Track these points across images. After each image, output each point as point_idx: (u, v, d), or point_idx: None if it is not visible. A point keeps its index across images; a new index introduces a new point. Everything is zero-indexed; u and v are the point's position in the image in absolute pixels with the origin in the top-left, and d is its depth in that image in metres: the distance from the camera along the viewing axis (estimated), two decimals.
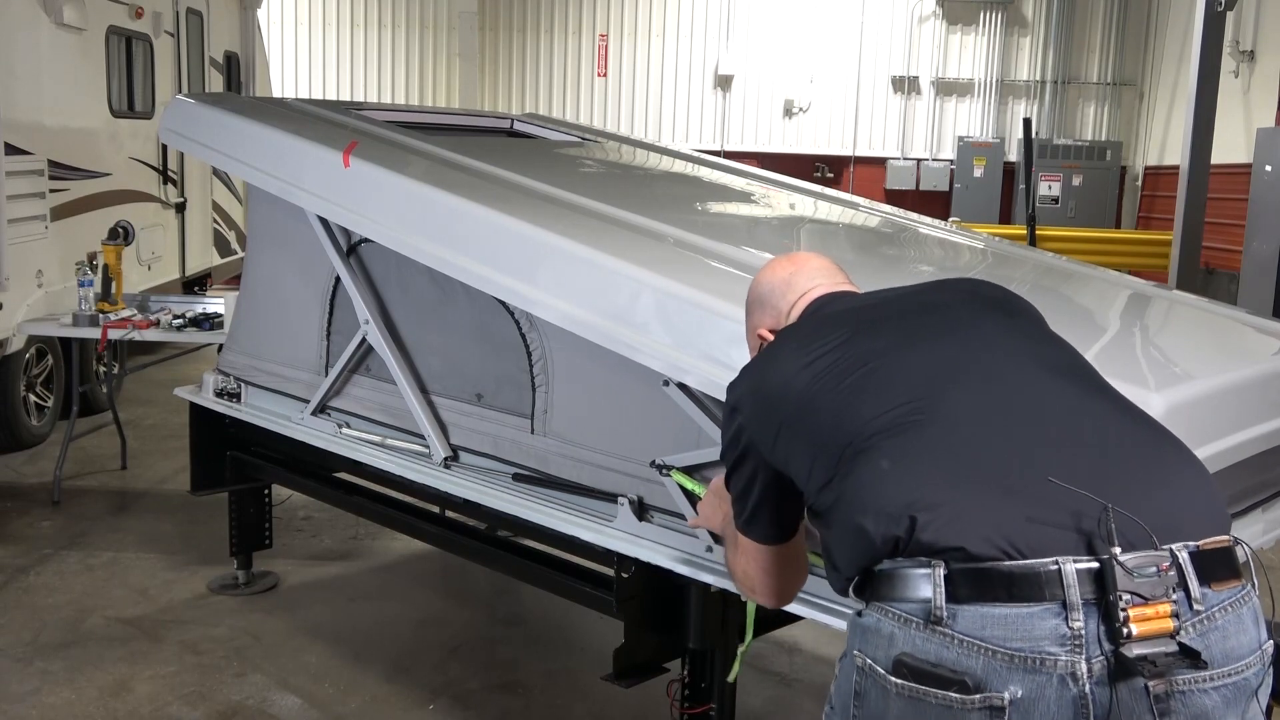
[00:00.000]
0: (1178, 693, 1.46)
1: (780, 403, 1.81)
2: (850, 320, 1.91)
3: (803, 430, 1.77)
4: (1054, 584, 1.46)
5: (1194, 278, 9.58)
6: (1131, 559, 1.45)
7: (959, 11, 15.12)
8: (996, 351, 1.78)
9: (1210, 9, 9.35)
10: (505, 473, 3.33)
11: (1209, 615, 1.49)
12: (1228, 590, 1.52)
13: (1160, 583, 1.46)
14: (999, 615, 1.47)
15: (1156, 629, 1.44)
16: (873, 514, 1.58)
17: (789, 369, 1.84)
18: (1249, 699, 1.51)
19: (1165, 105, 14.45)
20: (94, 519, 5.49)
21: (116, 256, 5.79)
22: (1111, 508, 1.48)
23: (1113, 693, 1.45)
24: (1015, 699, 1.45)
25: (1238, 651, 1.50)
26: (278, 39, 14.92)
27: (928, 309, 1.92)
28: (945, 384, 1.69)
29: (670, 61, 15.28)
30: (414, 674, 3.96)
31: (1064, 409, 1.67)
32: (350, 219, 3.55)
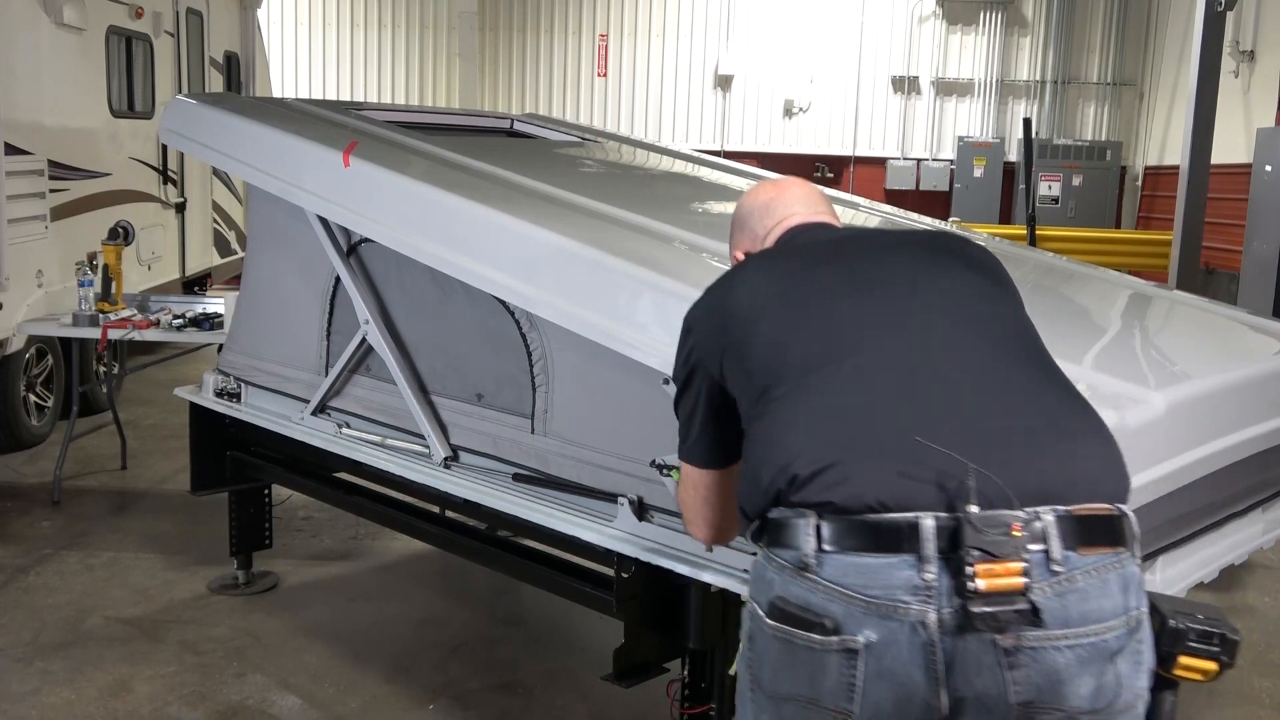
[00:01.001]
0: (1027, 648, 1.53)
1: (730, 323, 1.90)
2: (810, 255, 1.98)
3: (743, 356, 1.86)
4: (912, 538, 1.54)
5: (1194, 278, 9.58)
6: (982, 518, 1.52)
7: (959, 11, 15.12)
8: (929, 310, 1.82)
9: (1210, 9, 9.34)
10: (505, 473, 3.33)
11: (1069, 577, 1.54)
12: (1096, 556, 1.57)
13: (1011, 542, 1.51)
14: (860, 564, 1.56)
15: (1004, 586, 1.50)
16: (765, 464, 1.69)
17: (743, 292, 1.92)
18: (1106, 661, 1.56)
19: (1165, 105, 14.45)
20: (94, 519, 5.48)
21: (116, 256, 5.79)
22: (974, 468, 1.54)
23: (958, 643, 1.53)
24: (870, 643, 1.55)
25: (1097, 614, 1.55)
26: (278, 39, 14.92)
27: (886, 253, 1.96)
28: (865, 338, 1.76)
29: (670, 61, 15.28)
30: (414, 674, 3.96)
31: (971, 372, 1.72)
32: (350, 219, 3.55)
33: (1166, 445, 2.45)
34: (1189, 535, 2.73)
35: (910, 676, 1.56)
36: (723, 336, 1.90)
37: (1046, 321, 3.14)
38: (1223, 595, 4.78)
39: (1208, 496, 2.72)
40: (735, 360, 1.87)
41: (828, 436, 1.65)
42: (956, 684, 1.56)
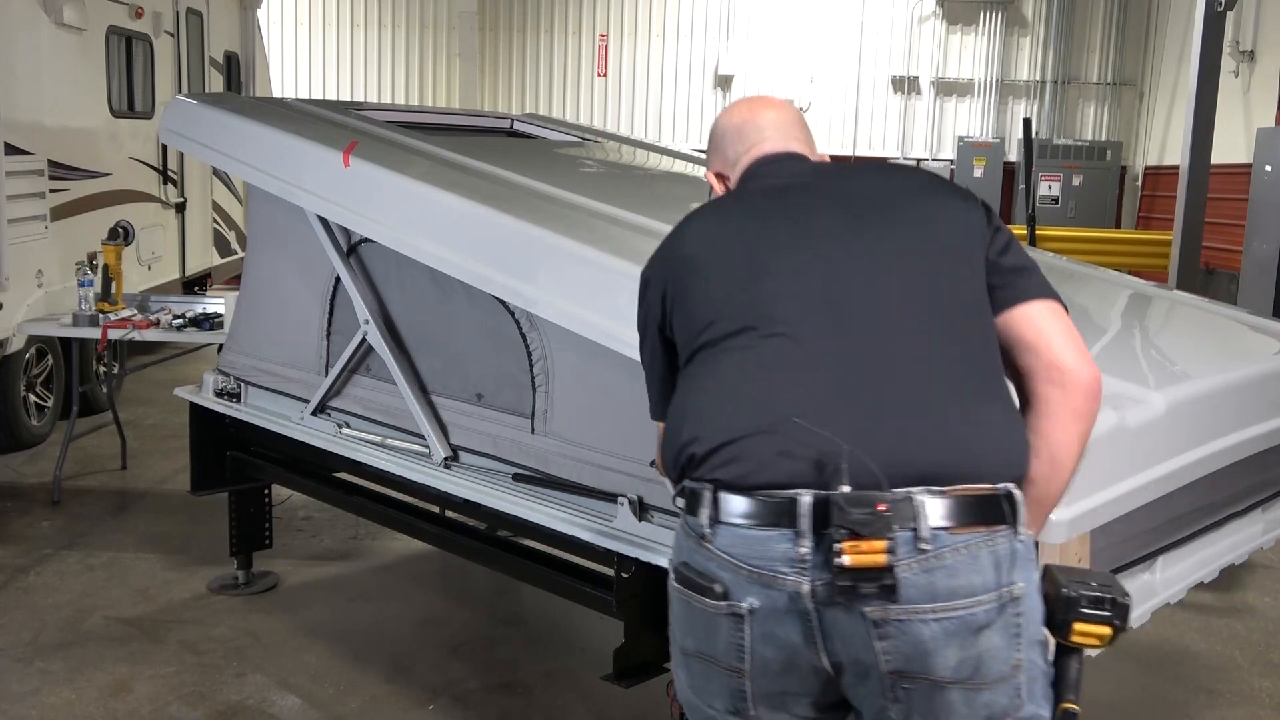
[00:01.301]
0: (895, 620, 1.64)
1: (675, 276, 1.96)
2: (759, 203, 2.00)
3: (684, 310, 1.92)
4: (790, 514, 1.66)
5: (1194, 278, 9.58)
6: (850, 497, 1.62)
7: (959, 11, 15.12)
8: (852, 278, 1.84)
9: (1210, 9, 9.34)
10: (505, 473, 3.33)
11: (937, 554, 1.64)
12: (968, 535, 1.65)
13: (875, 521, 1.61)
14: (746, 536, 1.69)
15: (868, 562, 1.60)
16: (673, 437, 1.82)
17: (690, 244, 1.98)
18: (974, 634, 1.65)
19: (1165, 105, 14.45)
20: (94, 519, 5.48)
21: (116, 256, 5.79)
22: (847, 450, 1.63)
23: (831, 613, 1.65)
24: (754, 608, 1.69)
25: (966, 590, 1.64)
26: (278, 39, 14.92)
27: (830, 210, 1.95)
28: (780, 310, 1.81)
29: (670, 61, 15.28)
30: (414, 674, 3.96)
31: (872, 350, 1.76)
32: (350, 219, 3.55)
33: (1166, 445, 2.45)
34: (1189, 535, 2.73)
35: (791, 640, 1.70)
36: (670, 289, 1.96)
37: None
38: (1223, 595, 4.78)
39: (1208, 496, 2.72)
40: (679, 313, 1.93)
41: (724, 417, 1.76)
42: (834, 649, 1.69)
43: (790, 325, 1.79)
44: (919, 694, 1.68)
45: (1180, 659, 4.24)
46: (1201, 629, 4.49)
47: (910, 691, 1.68)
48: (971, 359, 1.80)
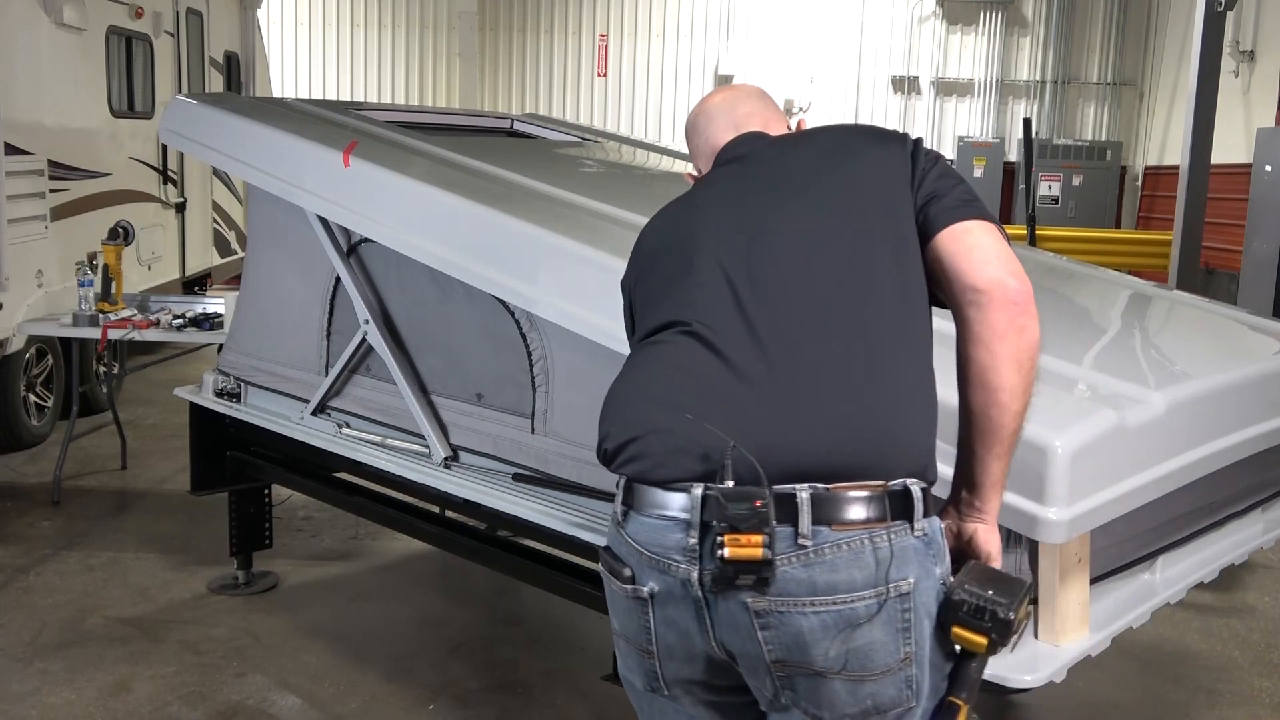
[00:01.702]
0: (775, 612, 1.69)
1: (635, 268, 2.07)
2: (702, 195, 2.05)
3: (638, 302, 2.02)
4: (683, 506, 1.72)
5: (1194, 278, 9.57)
6: (730, 493, 1.67)
7: (959, 11, 15.12)
8: (763, 265, 1.85)
9: (1210, 9, 9.34)
10: (505, 473, 3.33)
11: (817, 550, 1.67)
12: (851, 531, 1.68)
13: (752, 517, 1.65)
14: (649, 525, 1.77)
15: (746, 555, 1.65)
16: (599, 427, 1.89)
17: (646, 238, 2.07)
18: (854, 627, 1.69)
19: (1165, 105, 14.45)
20: (94, 519, 5.48)
21: (116, 256, 5.79)
22: (731, 446, 1.68)
23: (718, 601, 1.72)
24: (654, 592, 1.77)
25: (846, 585, 1.68)
26: (278, 39, 14.92)
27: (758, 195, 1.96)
28: (696, 305, 1.86)
29: (670, 61, 15.28)
30: (414, 674, 3.96)
31: (774, 344, 1.77)
32: (350, 219, 3.56)
33: (1166, 445, 2.45)
34: (1189, 535, 2.73)
35: (687, 626, 1.77)
36: (633, 289, 2.06)
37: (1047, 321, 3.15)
38: (1223, 595, 4.78)
39: (1208, 496, 2.72)
40: (637, 304, 2.03)
41: (629, 413, 1.84)
42: (723, 638, 1.75)
43: (702, 320, 1.83)
44: (804, 683, 1.73)
45: (1180, 659, 4.24)
46: (1201, 629, 4.49)
47: (796, 680, 1.73)
48: (882, 338, 1.79)
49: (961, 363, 1.81)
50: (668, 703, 1.91)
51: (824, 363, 1.76)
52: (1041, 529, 2.14)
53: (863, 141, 2.00)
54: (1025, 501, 2.15)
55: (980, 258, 1.82)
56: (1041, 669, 2.21)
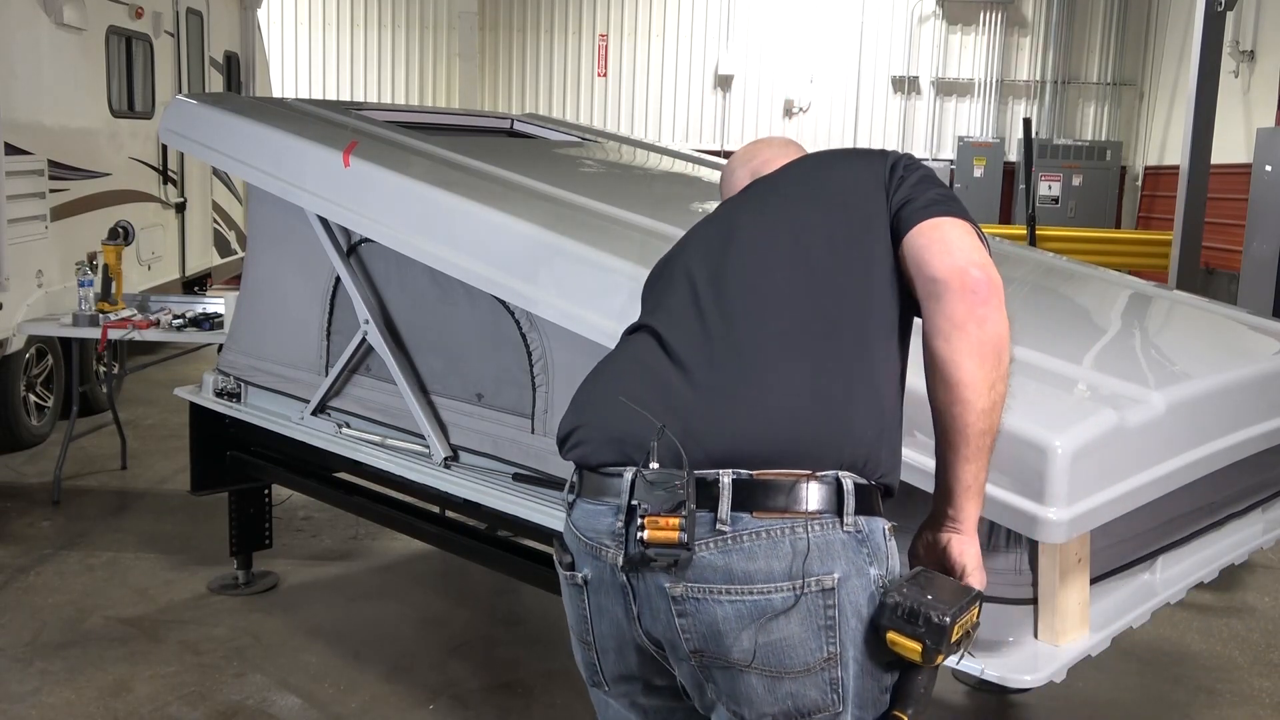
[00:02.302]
0: (691, 598, 1.68)
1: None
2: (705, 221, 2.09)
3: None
4: (615, 490, 1.73)
5: (1194, 278, 9.57)
6: (651, 475, 1.68)
7: (959, 11, 15.12)
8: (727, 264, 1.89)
9: (1210, 9, 9.34)
10: (505, 473, 3.33)
11: (735, 536, 1.65)
12: (769, 520, 1.65)
13: (669, 499, 1.65)
14: (586, 510, 1.79)
15: (663, 538, 1.65)
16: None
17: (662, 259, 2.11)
18: (770, 619, 1.65)
19: (1165, 105, 14.45)
20: (94, 519, 5.48)
21: (116, 256, 5.79)
22: (658, 428, 1.68)
23: (640, 586, 1.72)
24: (587, 578, 1.79)
25: (764, 574, 1.64)
26: (278, 39, 14.91)
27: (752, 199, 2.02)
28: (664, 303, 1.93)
29: (670, 61, 15.28)
30: (414, 674, 3.96)
31: (721, 333, 1.79)
32: (350, 219, 3.55)
33: (1166, 445, 2.45)
34: (1189, 535, 2.73)
35: (616, 613, 1.78)
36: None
37: (1047, 321, 3.15)
38: (1223, 595, 4.78)
39: (1208, 496, 2.72)
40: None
41: (580, 402, 1.88)
42: (647, 626, 1.75)
43: (663, 320, 1.88)
44: (722, 676, 1.70)
45: (1180, 659, 4.24)
46: (1201, 629, 4.49)
47: (714, 673, 1.70)
48: (831, 336, 1.77)
49: (925, 360, 1.78)
50: (609, 700, 1.93)
51: (765, 355, 1.75)
52: (1041, 529, 2.13)
53: (844, 156, 2.04)
54: (1025, 501, 2.15)
55: (941, 249, 1.78)
56: (1041, 669, 2.21)
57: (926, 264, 1.78)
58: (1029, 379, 2.23)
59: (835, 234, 1.87)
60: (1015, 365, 2.13)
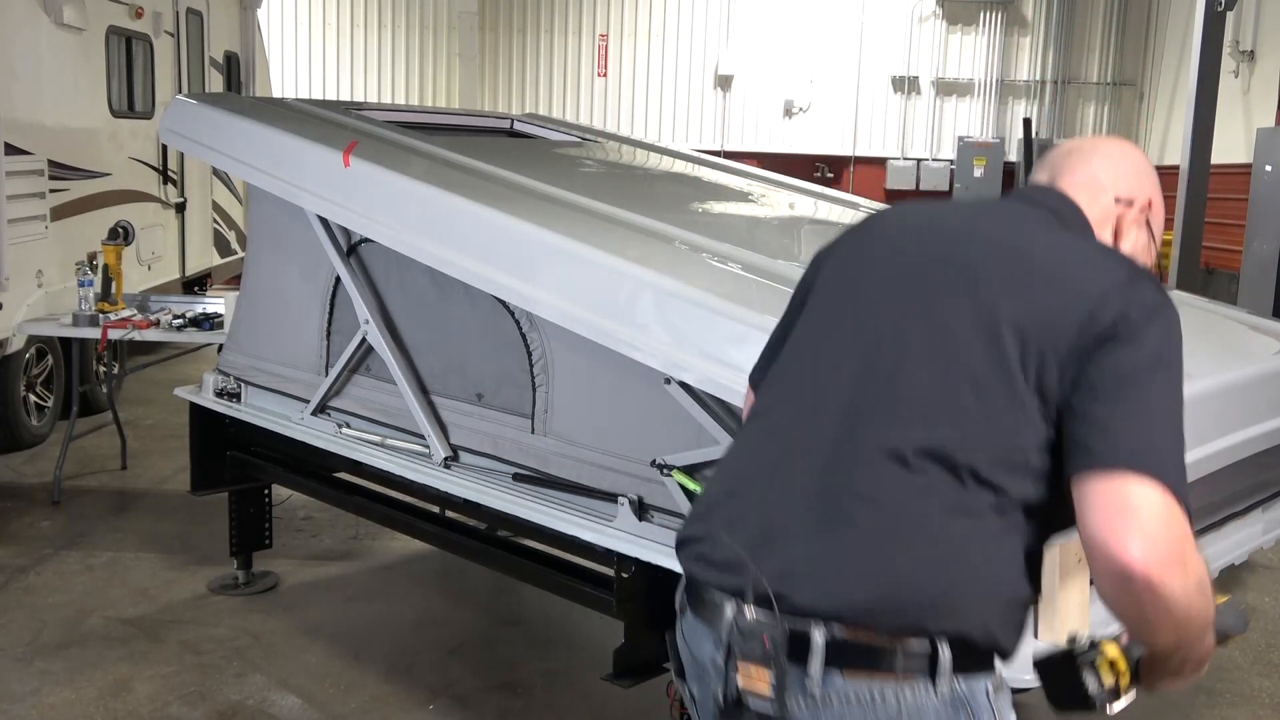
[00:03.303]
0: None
1: (809, 280, 1.92)
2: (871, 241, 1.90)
3: (791, 321, 1.91)
4: (717, 621, 1.66)
5: (1194, 278, 9.58)
6: (746, 624, 1.61)
7: (959, 11, 15.12)
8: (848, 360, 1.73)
9: (1210, 9, 9.35)
10: (505, 473, 3.33)
11: (824, 697, 1.57)
12: (860, 682, 1.57)
13: (762, 653, 1.59)
14: (693, 626, 1.73)
15: (756, 689, 1.60)
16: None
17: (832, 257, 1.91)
18: None
19: (1165, 105, 14.46)
20: (94, 519, 5.48)
21: (116, 256, 5.79)
22: (754, 571, 1.61)
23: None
24: (694, 696, 1.75)
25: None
26: (278, 39, 14.92)
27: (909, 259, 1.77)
28: (780, 391, 1.81)
29: (670, 61, 15.28)
30: (414, 674, 3.96)
31: (829, 460, 1.66)
32: (350, 219, 3.56)
33: None
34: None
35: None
36: (799, 296, 1.92)
37: None
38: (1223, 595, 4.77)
39: (1208, 496, 2.72)
40: (789, 327, 1.90)
41: (698, 511, 1.80)
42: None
43: (789, 411, 1.75)
44: None
45: None
46: None
47: None
48: (954, 487, 1.60)
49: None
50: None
51: (884, 492, 1.61)
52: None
53: (1061, 264, 1.69)
54: None
55: (1106, 519, 1.55)
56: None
57: (1085, 526, 1.56)
58: None
59: (997, 375, 1.62)
60: None
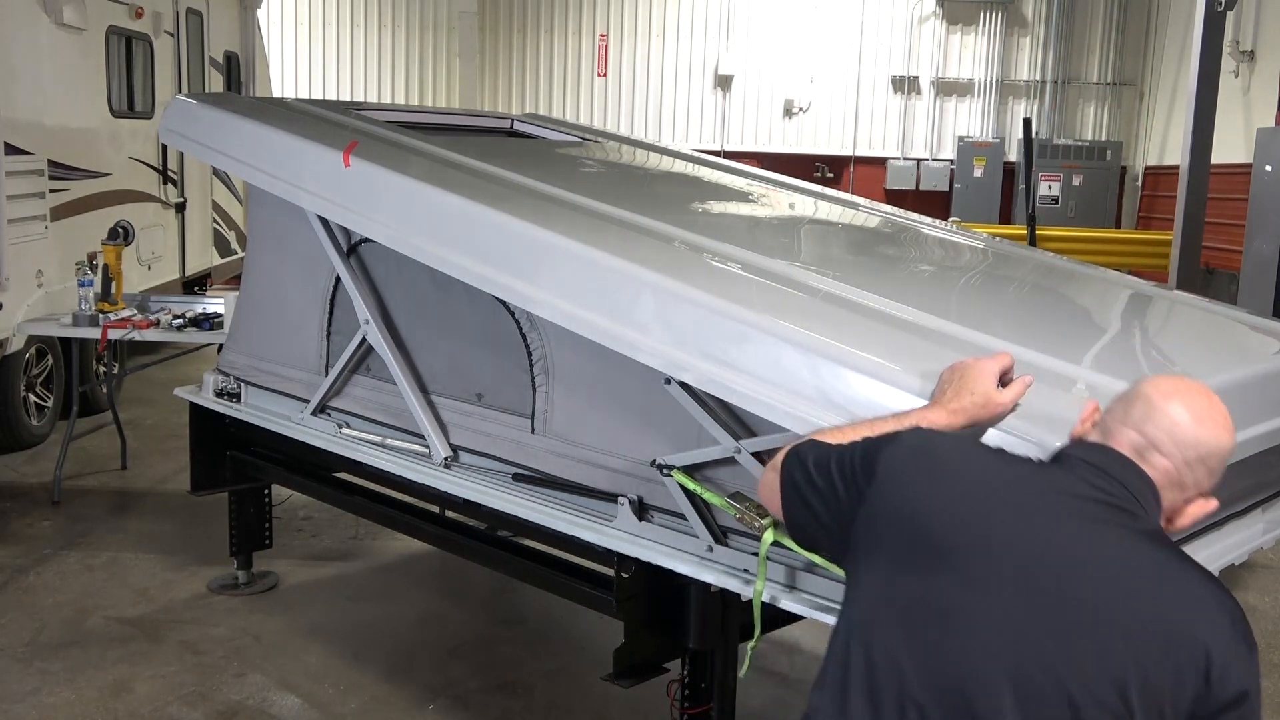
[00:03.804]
0: None
1: (907, 508, 1.72)
2: (1010, 517, 1.69)
3: (889, 556, 1.70)
4: None
5: (1194, 278, 9.57)
6: None
7: (959, 11, 15.12)
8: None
9: (1210, 9, 9.34)
10: (505, 473, 3.33)
11: None
12: None
13: None
14: None
15: None
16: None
17: (938, 493, 1.72)
18: None
19: (1165, 105, 14.45)
20: (94, 519, 5.48)
21: (116, 256, 5.79)
22: None
23: None
24: None
25: None
26: (278, 39, 14.91)
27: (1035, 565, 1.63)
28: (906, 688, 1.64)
29: (670, 61, 15.27)
30: (414, 674, 3.96)
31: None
32: (350, 219, 3.55)
33: None
34: (1189, 535, 2.72)
35: None
36: (893, 509, 1.73)
37: (1047, 321, 3.15)
38: None
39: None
40: (874, 542, 1.73)
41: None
42: None
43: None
44: None
45: None
46: None
47: None
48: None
49: None
50: None
51: None
52: None
53: (1184, 617, 1.60)
54: None
55: None
56: None
57: None
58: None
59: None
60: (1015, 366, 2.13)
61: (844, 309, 2.73)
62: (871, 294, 2.81)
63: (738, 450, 2.65)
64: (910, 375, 2.30)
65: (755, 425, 2.64)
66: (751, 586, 2.55)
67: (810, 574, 2.58)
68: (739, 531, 2.72)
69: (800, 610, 2.55)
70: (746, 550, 2.71)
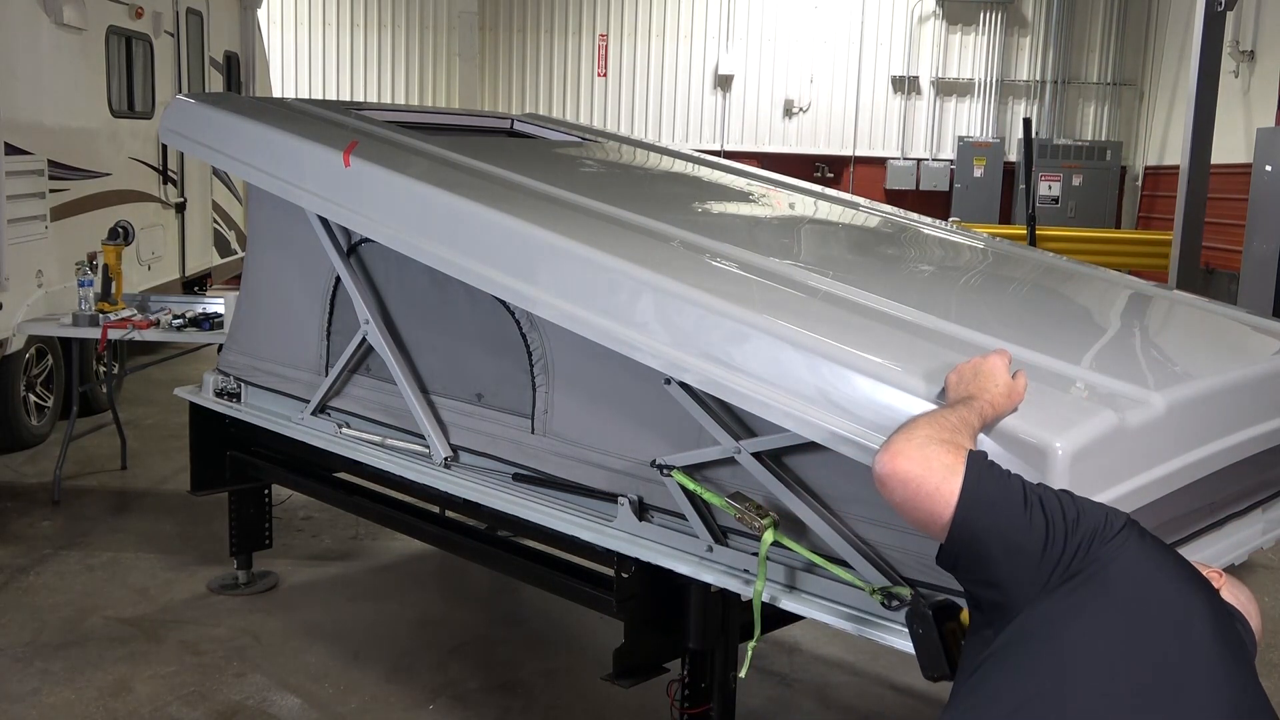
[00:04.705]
0: None
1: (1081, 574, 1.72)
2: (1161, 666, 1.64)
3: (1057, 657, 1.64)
4: None
5: (1194, 278, 9.57)
6: None
7: (959, 11, 15.12)
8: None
9: (1210, 9, 9.33)
10: (505, 473, 3.33)
11: None
12: None
13: None
14: None
15: None
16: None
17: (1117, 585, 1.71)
18: None
19: (1165, 105, 14.45)
20: (94, 519, 5.48)
21: (116, 256, 5.79)
22: None
23: None
24: None
25: None
26: (278, 39, 14.91)
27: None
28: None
29: (670, 61, 15.28)
30: (414, 674, 3.96)
31: None
32: (350, 219, 3.55)
33: (1166, 445, 2.45)
34: (1189, 535, 2.73)
35: None
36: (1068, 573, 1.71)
37: (1047, 321, 3.15)
38: None
39: (1208, 496, 2.72)
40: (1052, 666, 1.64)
41: None
42: None
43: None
44: None
45: None
46: None
47: None
48: None
49: None
50: None
51: None
52: None
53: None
54: None
55: None
56: None
57: None
58: (1029, 379, 2.23)
59: None
60: (1014, 365, 2.13)
61: (844, 309, 2.73)
62: (871, 294, 2.81)
63: (738, 450, 2.65)
64: (910, 376, 2.30)
65: (755, 425, 2.64)
66: (751, 586, 2.56)
67: (810, 574, 2.59)
68: (739, 531, 2.72)
69: (800, 610, 2.55)
70: (746, 550, 2.71)
